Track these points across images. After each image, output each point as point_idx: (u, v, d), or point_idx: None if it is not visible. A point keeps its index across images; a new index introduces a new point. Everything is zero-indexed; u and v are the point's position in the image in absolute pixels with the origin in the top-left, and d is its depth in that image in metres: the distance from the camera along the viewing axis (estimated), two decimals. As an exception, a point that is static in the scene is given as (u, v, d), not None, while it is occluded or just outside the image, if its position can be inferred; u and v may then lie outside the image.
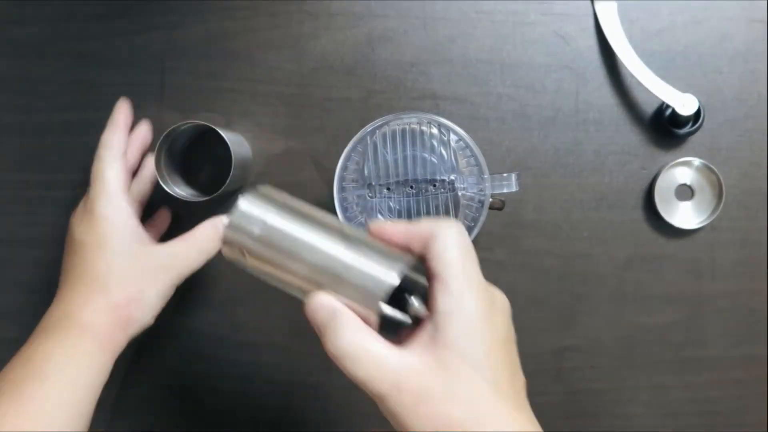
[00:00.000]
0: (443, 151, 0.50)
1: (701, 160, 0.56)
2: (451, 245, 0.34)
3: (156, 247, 0.49)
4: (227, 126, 0.57)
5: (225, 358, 0.57)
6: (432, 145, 0.50)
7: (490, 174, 0.49)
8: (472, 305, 0.32)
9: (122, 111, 0.54)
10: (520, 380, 0.35)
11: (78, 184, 0.57)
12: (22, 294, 0.58)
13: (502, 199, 0.54)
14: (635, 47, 0.55)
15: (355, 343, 0.33)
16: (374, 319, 0.34)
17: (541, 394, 0.56)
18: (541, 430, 0.33)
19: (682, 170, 0.57)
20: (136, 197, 0.53)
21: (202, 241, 0.49)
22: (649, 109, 0.57)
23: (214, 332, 0.57)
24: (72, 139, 0.57)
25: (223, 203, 0.57)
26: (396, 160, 0.50)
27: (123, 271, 0.47)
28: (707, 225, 0.56)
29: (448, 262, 0.33)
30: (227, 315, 0.57)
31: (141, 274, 0.47)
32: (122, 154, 0.52)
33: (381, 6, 0.57)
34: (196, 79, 0.57)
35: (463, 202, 0.49)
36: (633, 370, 0.57)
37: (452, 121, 0.49)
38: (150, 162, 0.53)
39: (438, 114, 0.50)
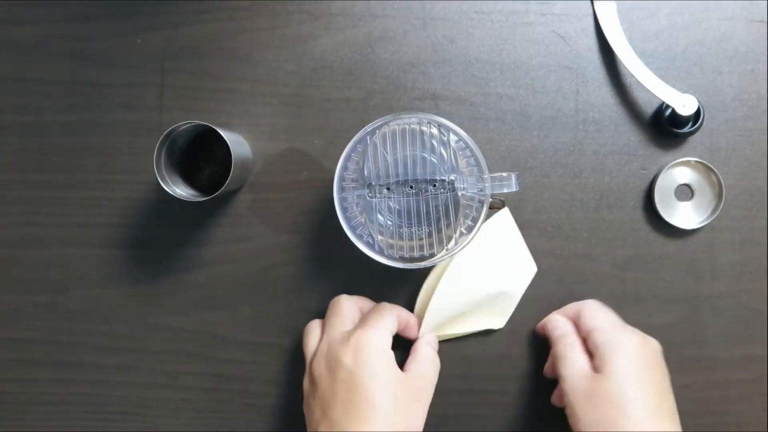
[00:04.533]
0: (443, 151, 0.50)
1: (701, 160, 0.56)
2: (595, 308, 0.53)
3: (408, 373, 0.50)
4: (227, 126, 0.57)
5: (225, 358, 0.57)
6: (432, 145, 0.50)
7: (490, 174, 0.49)
8: (626, 342, 0.48)
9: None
10: (668, 399, 0.48)
11: (78, 184, 0.57)
12: (22, 294, 0.58)
13: (502, 199, 0.54)
14: (635, 47, 0.55)
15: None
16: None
17: (541, 394, 0.56)
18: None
19: (682, 170, 0.57)
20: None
21: (432, 360, 0.52)
22: (649, 109, 0.57)
23: (214, 332, 0.57)
24: (72, 139, 0.57)
25: (223, 203, 0.57)
26: (396, 160, 0.50)
27: (396, 398, 0.47)
28: (707, 225, 0.56)
29: (598, 317, 0.51)
30: (227, 315, 0.57)
31: (410, 398, 0.48)
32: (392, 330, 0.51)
33: (381, 6, 0.57)
34: (196, 79, 0.57)
35: (463, 202, 0.49)
36: (633, 370, 0.57)
37: (452, 121, 0.49)
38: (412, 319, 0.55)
39: (438, 114, 0.50)
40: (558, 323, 0.53)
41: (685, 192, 0.57)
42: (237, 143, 0.53)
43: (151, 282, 0.57)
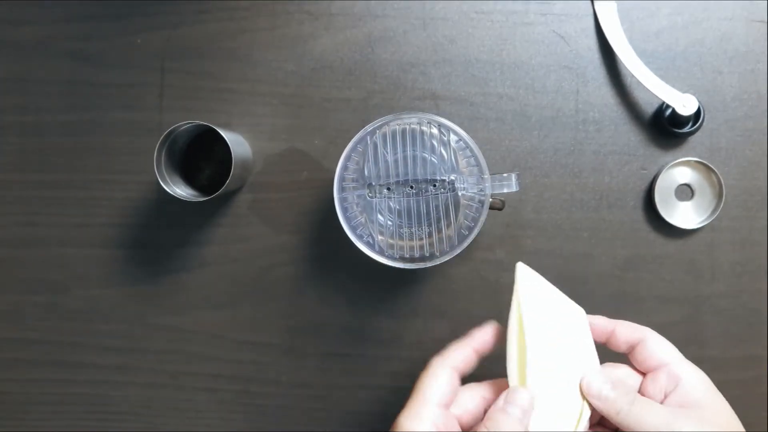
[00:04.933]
0: (443, 151, 0.50)
1: (701, 160, 0.56)
2: (661, 342, 0.45)
3: None
4: (227, 126, 0.57)
5: (225, 358, 0.57)
6: (432, 145, 0.50)
7: (490, 174, 0.49)
8: (696, 373, 0.44)
9: (484, 334, 0.45)
10: (735, 420, 0.44)
11: (78, 184, 0.57)
12: (22, 294, 0.58)
13: (502, 199, 0.54)
14: (635, 47, 0.55)
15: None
16: None
17: None
18: None
19: (682, 170, 0.57)
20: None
21: None
22: (649, 109, 0.57)
23: (214, 332, 0.57)
24: (72, 139, 0.57)
25: (223, 203, 0.57)
26: (396, 160, 0.50)
27: None
28: (707, 225, 0.56)
29: (668, 353, 0.44)
30: (227, 315, 0.57)
31: None
32: (456, 367, 0.42)
33: (381, 6, 0.57)
34: (196, 79, 0.57)
35: (463, 202, 0.49)
36: (633, 370, 0.57)
37: (452, 121, 0.49)
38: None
39: (438, 114, 0.50)
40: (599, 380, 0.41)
41: (685, 192, 0.57)
42: (237, 143, 0.53)
43: (151, 282, 0.57)
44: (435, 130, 0.50)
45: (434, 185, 0.49)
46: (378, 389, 0.57)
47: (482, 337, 0.44)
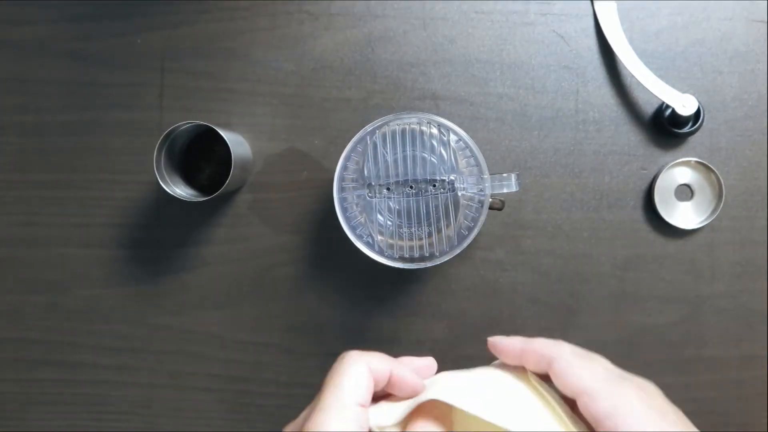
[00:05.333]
0: (443, 151, 0.50)
1: (701, 160, 0.56)
2: (573, 362, 0.36)
3: None
4: (227, 126, 0.57)
5: (225, 358, 0.57)
6: (432, 145, 0.50)
7: (490, 174, 0.49)
8: (629, 398, 0.34)
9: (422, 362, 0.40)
10: None
11: (78, 184, 0.57)
12: (22, 294, 0.58)
13: (502, 199, 0.54)
14: (635, 47, 0.55)
15: None
16: None
17: None
18: None
19: (682, 170, 0.57)
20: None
21: None
22: (649, 109, 0.57)
23: (214, 332, 0.57)
24: (72, 139, 0.57)
25: (222, 203, 0.57)
26: (396, 160, 0.50)
27: None
28: (707, 225, 0.56)
29: (583, 376, 0.35)
30: (227, 315, 0.57)
31: None
32: (373, 370, 0.38)
33: (381, 6, 0.57)
34: (196, 79, 0.57)
35: (463, 202, 0.49)
36: (633, 370, 0.57)
37: (452, 121, 0.49)
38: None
39: (438, 114, 0.50)
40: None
41: (685, 192, 0.57)
42: (237, 143, 0.53)
43: (151, 282, 0.57)
44: (435, 130, 0.50)
45: (434, 185, 0.49)
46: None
47: (413, 363, 0.40)
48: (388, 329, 0.57)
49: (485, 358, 0.57)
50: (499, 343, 0.38)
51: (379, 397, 0.39)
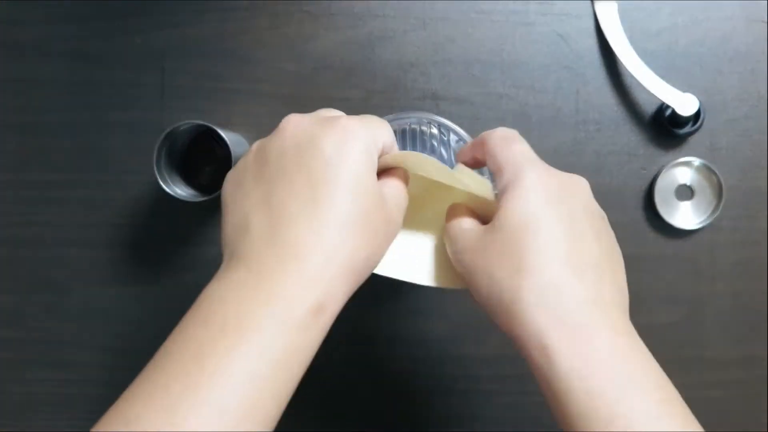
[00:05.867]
0: (443, 151, 0.50)
1: (701, 160, 0.56)
2: (497, 143, 0.38)
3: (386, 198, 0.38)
4: (227, 126, 0.57)
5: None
6: (432, 145, 0.50)
7: (491, 174, 0.49)
8: (529, 178, 0.35)
9: None
10: (588, 253, 0.35)
11: (78, 184, 0.57)
12: (22, 294, 0.58)
13: (502, 199, 0.54)
14: (635, 47, 0.55)
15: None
16: None
17: (541, 394, 0.56)
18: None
19: (682, 170, 0.57)
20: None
21: (404, 197, 0.39)
22: (649, 109, 0.57)
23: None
24: (72, 139, 0.57)
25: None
26: (396, 160, 0.50)
27: (367, 216, 0.36)
28: (707, 225, 0.56)
29: (500, 154, 0.37)
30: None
31: (382, 221, 0.37)
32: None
33: (381, 6, 0.57)
34: (196, 79, 0.57)
35: (463, 202, 0.49)
36: (633, 370, 0.57)
37: (452, 121, 0.49)
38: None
39: (438, 114, 0.50)
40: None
41: (685, 192, 0.57)
42: (237, 143, 0.53)
43: (151, 282, 0.57)
44: (435, 130, 0.50)
45: (434, 185, 0.49)
46: (378, 389, 0.57)
47: None
48: (388, 329, 0.57)
49: (486, 357, 0.57)
50: (460, 150, 0.41)
51: None
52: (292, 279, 0.32)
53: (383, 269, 0.41)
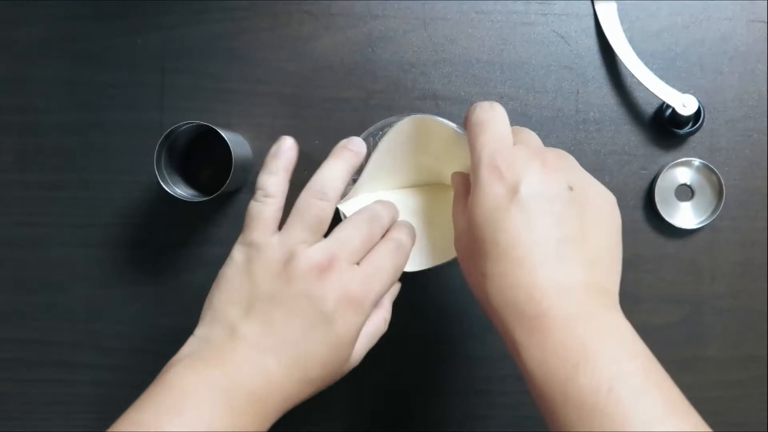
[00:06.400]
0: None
1: (701, 160, 0.56)
2: (469, 123, 0.40)
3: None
4: (227, 126, 0.57)
5: (225, 358, 0.57)
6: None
7: (490, 174, 0.48)
8: (477, 187, 0.38)
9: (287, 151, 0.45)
10: (549, 241, 0.36)
11: (78, 184, 0.57)
12: (22, 294, 0.58)
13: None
14: (635, 47, 0.55)
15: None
16: None
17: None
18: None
19: (682, 170, 0.57)
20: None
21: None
22: (649, 109, 0.57)
23: (214, 332, 0.57)
24: (72, 139, 0.57)
25: (222, 203, 0.57)
26: (396, 160, 0.50)
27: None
28: (707, 225, 0.56)
29: (469, 142, 0.40)
30: (227, 315, 0.57)
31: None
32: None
33: (381, 6, 0.57)
34: (196, 79, 0.57)
35: (463, 202, 0.49)
36: (633, 370, 0.57)
37: (452, 121, 0.49)
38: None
39: (438, 114, 0.50)
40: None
41: (685, 192, 0.57)
42: (237, 143, 0.53)
43: (151, 282, 0.57)
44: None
45: (434, 185, 0.49)
46: (378, 390, 0.57)
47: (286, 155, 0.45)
48: (388, 329, 0.57)
49: (485, 357, 0.57)
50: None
51: None
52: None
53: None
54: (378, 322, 0.44)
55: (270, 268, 0.40)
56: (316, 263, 0.39)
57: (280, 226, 0.43)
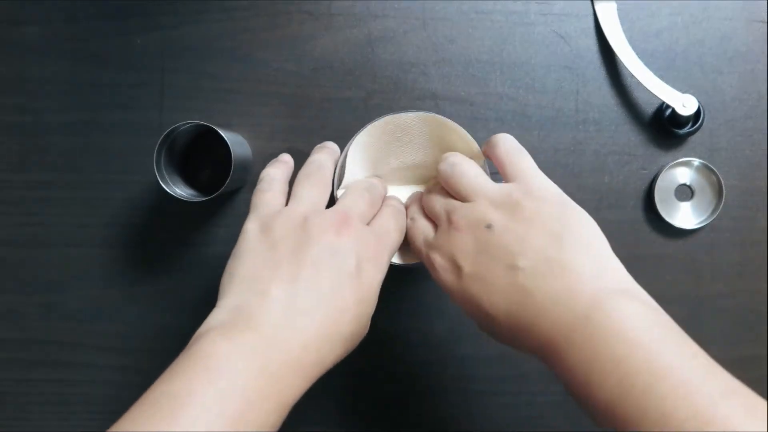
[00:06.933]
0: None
1: (701, 160, 0.56)
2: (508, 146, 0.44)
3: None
4: (227, 126, 0.57)
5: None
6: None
7: (491, 173, 0.48)
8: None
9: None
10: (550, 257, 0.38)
11: (78, 184, 0.57)
12: (22, 294, 0.58)
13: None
14: (635, 47, 0.55)
15: None
16: None
17: (541, 394, 0.56)
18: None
19: (682, 170, 0.57)
20: None
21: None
22: (649, 109, 0.57)
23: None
24: (72, 139, 0.57)
25: (222, 203, 0.57)
26: (396, 160, 0.50)
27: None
28: (707, 225, 0.56)
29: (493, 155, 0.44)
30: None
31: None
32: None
33: (381, 6, 0.57)
34: (196, 79, 0.57)
35: (463, 202, 0.49)
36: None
37: (452, 120, 0.49)
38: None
39: (438, 114, 0.50)
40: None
41: (685, 192, 0.57)
42: (237, 143, 0.53)
43: (151, 282, 0.57)
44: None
45: (434, 185, 0.49)
46: (378, 390, 0.57)
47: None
48: (388, 329, 0.57)
49: (486, 358, 0.57)
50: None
51: None
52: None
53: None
54: None
55: (289, 231, 0.40)
56: (333, 221, 0.40)
57: None
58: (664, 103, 0.55)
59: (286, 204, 0.44)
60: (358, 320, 0.40)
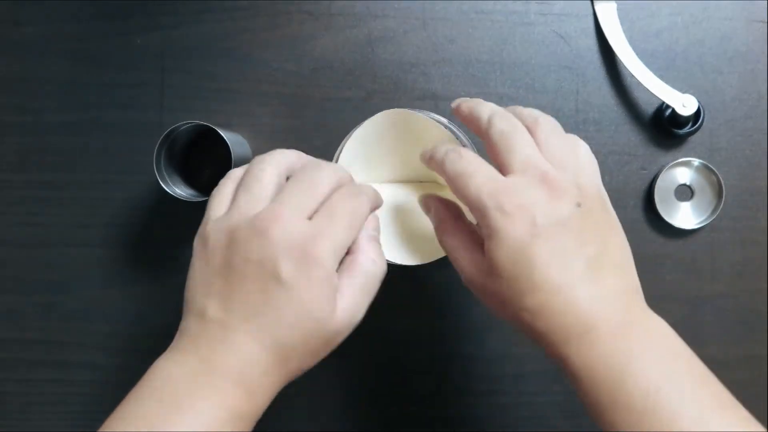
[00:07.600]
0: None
1: (701, 160, 0.56)
2: (448, 175, 0.40)
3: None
4: (227, 126, 0.57)
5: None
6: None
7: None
8: (493, 233, 0.37)
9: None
10: (580, 260, 0.37)
11: (78, 184, 0.57)
12: (22, 294, 0.58)
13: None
14: (635, 47, 0.55)
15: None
16: None
17: (541, 394, 0.56)
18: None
19: (682, 170, 0.57)
20: None
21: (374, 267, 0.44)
22: (649, 109, 0.57)
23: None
24: (72, 139, 0.57)
25: (223, 203, 0.57)
26: (396, 160, 0.50)
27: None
28: (707, 225, 0.56)
29: (459, 192, 0.39)
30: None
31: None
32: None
33: (381, 6, 0.57)
34: (196, 79, 0.57)
35: (463, 202, 0.49)
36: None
37: (452, 121, 0.49)
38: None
39: (438, 114, 0.50)
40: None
41: (685, 192, 0.57)
42: (237, 143, 0.53)
43: (151, 282, 0.57)
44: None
45: (434, 185, 0.49)
46: (378, 390, 0.57)
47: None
48: (388, 329, 0.57)
49: (486, 358, 0.57)
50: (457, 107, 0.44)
51: None
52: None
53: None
54: (364, 265, 0.41)
55: (219, 243, 0.38)
56: (257, 224, 0.37)
57: None
58: (664, 103, 0.55)
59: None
60: (301, 328, 0.37)
